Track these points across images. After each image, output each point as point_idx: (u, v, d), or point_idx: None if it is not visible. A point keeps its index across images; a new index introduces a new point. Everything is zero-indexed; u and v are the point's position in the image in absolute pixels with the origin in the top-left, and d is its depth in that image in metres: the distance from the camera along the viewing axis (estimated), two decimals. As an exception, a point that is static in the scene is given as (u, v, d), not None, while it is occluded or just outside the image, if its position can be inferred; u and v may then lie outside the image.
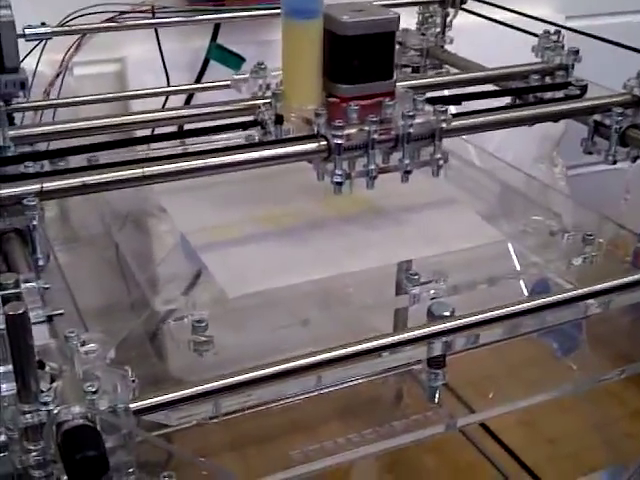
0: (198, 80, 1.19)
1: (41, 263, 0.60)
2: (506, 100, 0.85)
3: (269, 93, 0.75)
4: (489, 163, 0.96)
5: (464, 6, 1.04)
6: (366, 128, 0.66)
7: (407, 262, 0.75)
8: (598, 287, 0.65)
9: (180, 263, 0.77)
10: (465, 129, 0.73)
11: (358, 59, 0.69)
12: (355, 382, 0.86)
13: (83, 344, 0.49)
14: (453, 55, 1.03)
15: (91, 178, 0.63)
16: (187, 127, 0.80)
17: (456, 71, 0.99)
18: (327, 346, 0.56)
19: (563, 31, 1.37)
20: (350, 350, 0.57)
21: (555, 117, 0.79)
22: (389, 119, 0.67)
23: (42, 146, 0.79)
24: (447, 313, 0.66)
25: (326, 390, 0.71)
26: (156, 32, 1.13)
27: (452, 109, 0.96)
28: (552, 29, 0.93)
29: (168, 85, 1.15)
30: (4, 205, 0.60)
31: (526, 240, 0.80)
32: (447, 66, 1.03)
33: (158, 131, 0.81)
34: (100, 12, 0.94)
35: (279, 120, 0.71)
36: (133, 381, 0.49)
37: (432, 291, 0.69)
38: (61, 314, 0.50)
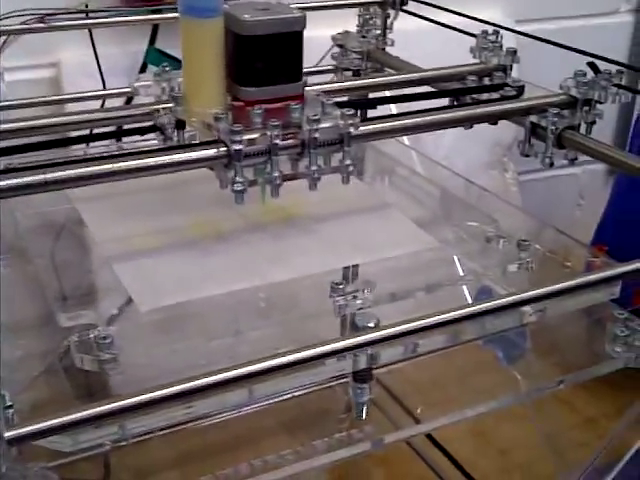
0: (136, 85, 1.14)
1: None
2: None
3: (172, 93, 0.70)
4: (430, 169, 0.92)
5: (405, 8, 1.00)
6: (268, 133, 0.61)
7: (334, 271, 0.71)
8: (531, 294, 0.61)
9: (93, 275, 0.72)
10: (377, 134, 0.68)
11: (261, 60, 0.64)
12: (288, 395, 0.82)
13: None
14: (394, 58, 0.98)
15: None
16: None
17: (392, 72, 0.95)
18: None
19: (510, 34, 1.36)
20: (265, 365, 0.53)
21: (488, 119, 0.75)
22: (296, 123, 0.63)
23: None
24: (371, 324, 0.62)
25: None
26: (90, 34, 1.08)
27: (394, 110, 0.93)
28: (490, 29, 0.89)
29: (104, 89, 1.11)
30: None
31: (461, 246, 0.76)
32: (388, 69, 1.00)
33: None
34: (30, 14, 0.89)
35: (180, 125, 0.66)
36: (11, 406, 0.44)
37: (358, 301, 0.64)
38: None
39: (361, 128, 0.64)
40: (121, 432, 0.53)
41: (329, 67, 1.00)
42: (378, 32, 1.00)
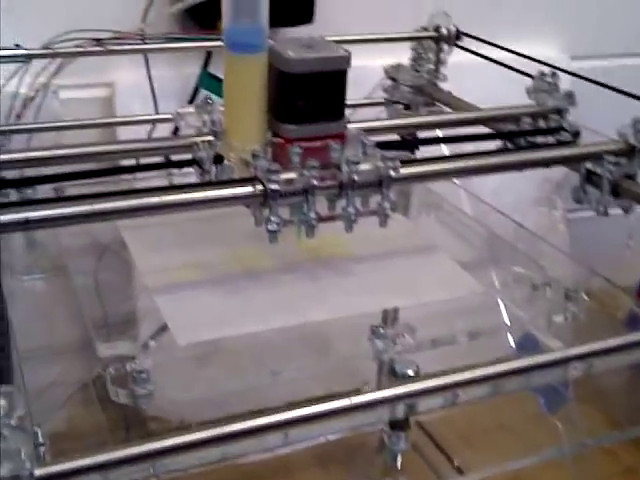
0: (187, 108, 1.14)
1: None
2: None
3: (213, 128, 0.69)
4: (477, 208, 0.90)
5: (459, 43, 0.99)
6: (306, 173, 0.60)
7: (376, 313, 0.69)
8: (577, 351, 0.59)
9: (133, 302, 0.72)
10: (418, 177, 0.67)
11: (304, 98, 0.63)
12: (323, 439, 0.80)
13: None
14: (446, 93, 0.97)
15: (35, 214, 0.56)
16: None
17: (448, 110, 0.94)
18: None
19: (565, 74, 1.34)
20: (300, 413, 0.51)
21: (541, 165, 0.73)
22: (335, 164, 0.62)
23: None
24: (411, 372, 0.61)
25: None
26: (145, 58, 1.09)
27: (445, 151, 0.92)
28: (547, 70, 0.87)
29: (156, 112, 1.11)
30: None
31: (507, 292, 0.74)
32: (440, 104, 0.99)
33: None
34: (88, 38, 0.90)
35: (218, 160, 0.65)
36: (42, 444, 0.44)
37: (398, 346, 0.63)
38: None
39: (402, 171, 0.63)
40: (153, 470, 0.52)
41: (379, 100, 1.00)
42: (431, 66, 0.99)
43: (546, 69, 0.87)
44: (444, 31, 0.98)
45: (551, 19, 1.37)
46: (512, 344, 0.73)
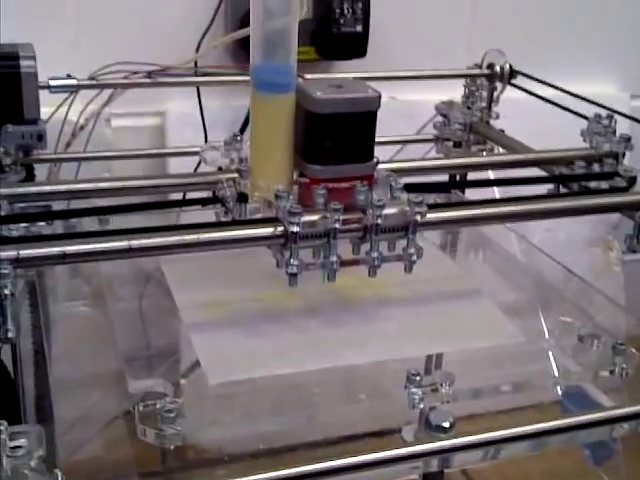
0: (237, 139, 1.15)
1: (10, 335, 0.54)
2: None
3: (238, 166, 0.69)
4: (527, 251, 0.87)
5: (514, 81, 0.97)
6: (328, 216, 0.59)
7: (412, 358, 0.67)
8: (624, 411, 0.56)
9: (167, 336, 0.71)
10: (446, 222, 0.65)
11: (331, 139, 0.62)
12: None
13: (13, 438, 0.44)
14: (497, 132, 0.95)
15: (72, 248, 0.57)
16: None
17: (503, 151, 0.92)
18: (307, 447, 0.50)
19: (624, 105, 1.30)
20: (333, 465, 0.50)
21: (593, 211, 0.70)
22: (360, 206, 0.60)
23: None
24: (447, 424, 0.58)
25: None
26: (198, 90, 1.09)
27: (496, 193, 0.89)
28: (604, 112, 0.85)
29: (205, 143, 1.12)
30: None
31: (553, 342, 0.72)
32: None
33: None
34: (140, 70, 0.90)
35: (242, 198, 0.64)
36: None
37: (436, 395, 0.61)
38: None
39: (429, 216, 0.61)
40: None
41: (429, 136, 0.99)
42: (483, 104, 0.97)
43: (603, 112, 0.84)
44: (498, 69, 0.96)
45: (610, 56, 1.34)
46: (558, 395, 0.70)
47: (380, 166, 0.65)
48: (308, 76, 0.80)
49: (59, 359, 0.66)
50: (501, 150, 0.96)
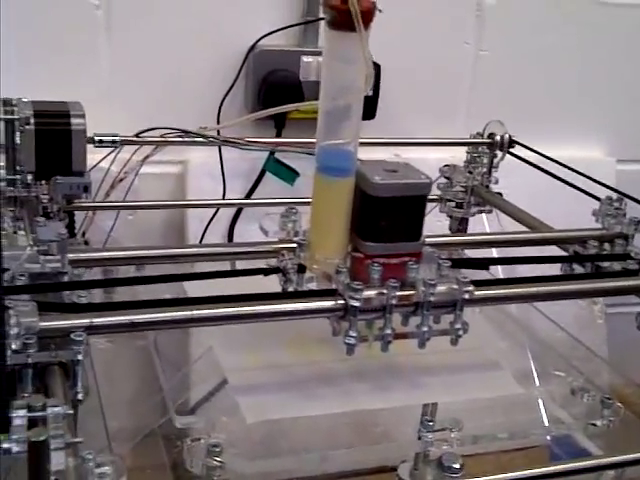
0: (253, 189, 1.22)
1: (79, 397, 0.58)
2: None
3: (297, 238, 0.74)
4: (526, 313, 0.95)
5: (512, 151, 1.06)
6: (385, 292, 0.64)
7: (427, 407, 0.75)
8: (611, 460, 0.64)
9: (209, 378, 0.77)
10: (491, 300, 0.71)
11: (386, 220, 0.67)
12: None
13: (98, 466, 0.51)
14: (496, 196, 1.04)
15: (140, 317, 0.61)
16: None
17: (509, 219, 0.98)
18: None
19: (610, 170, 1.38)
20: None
21: (608, 294, 0.78)
22: (411, 283, 0.66)
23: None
24: (457, 466, 0.66)
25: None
26: (219, 149, 1.17)
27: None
28: (614, 195, 0.91)
29: (224, 191, 1.20)
30: (52, 337, 0.58)
31: (546, 396, 0.80)
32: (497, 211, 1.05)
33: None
34: (170, 132, 0.97)
35: (301, 269, 0.69)
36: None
37: (446, 439, 0.68)
38: (80, 442, 0.50)
39: (476, 293, 0.66)
40: None
41: (434, 196, 1.06)
42: (484, 170, 1.06)
43: (614, 194, 0.90)
44: (498, 138, 1.05)
45: (597, 122, 1.42)
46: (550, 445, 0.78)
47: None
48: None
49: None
50: (499, 212, 1.05)
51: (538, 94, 1.36)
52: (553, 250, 0.90)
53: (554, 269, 0.83)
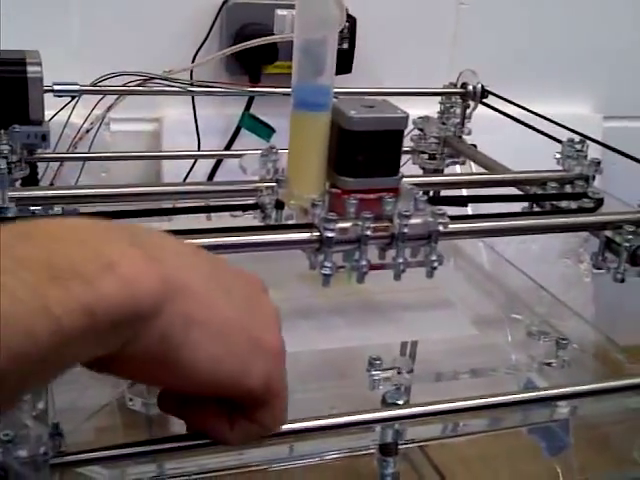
0: (229, 146, 1.22)
1: None
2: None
3: (276, 176, 0.74)
4: (495, 262, 0.94)
5: (486, 101, 1.05)
6: (360, 223, 0.64)
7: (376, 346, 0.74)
8: (558, 391, 0.62)
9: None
10: (463, 233, 0.71)
11: (362, 154, 0.67)
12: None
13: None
14: (469, 147, 1.02)
15: None
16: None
17: (482, 170, 0.97)
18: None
19: (596, 128, 1.37)
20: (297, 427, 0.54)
21: (563, 229, 0.76)
22: (388, 216, 0.65)
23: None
24: (400, 402, 0.65)
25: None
26: (193, 100, 1.16)
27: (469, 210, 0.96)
28: (577, 138, 0.89)
29: (198, 149, 1.20)
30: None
31: (504, 337, 0.79)
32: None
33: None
34: (139, 76, 0.96)
35: (279, 206, 0.69)
36: (60, 434, 0.50)
37: (394, 378, 0.68)
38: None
39: (450, 227, 0.66)
40: (159, 470, 0.57)
41: (407, 148, 1.05)
42: (457, 120, 1.03)
43: (576, 137, 0.89)
44: (470, 88, 1.03)
45: (585, 77, 1.41)
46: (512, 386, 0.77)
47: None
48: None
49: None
50: (472, 164, 1.03)
51: (522, 48, 1.34)
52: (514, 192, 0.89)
53: (513, 209, 0.82)
